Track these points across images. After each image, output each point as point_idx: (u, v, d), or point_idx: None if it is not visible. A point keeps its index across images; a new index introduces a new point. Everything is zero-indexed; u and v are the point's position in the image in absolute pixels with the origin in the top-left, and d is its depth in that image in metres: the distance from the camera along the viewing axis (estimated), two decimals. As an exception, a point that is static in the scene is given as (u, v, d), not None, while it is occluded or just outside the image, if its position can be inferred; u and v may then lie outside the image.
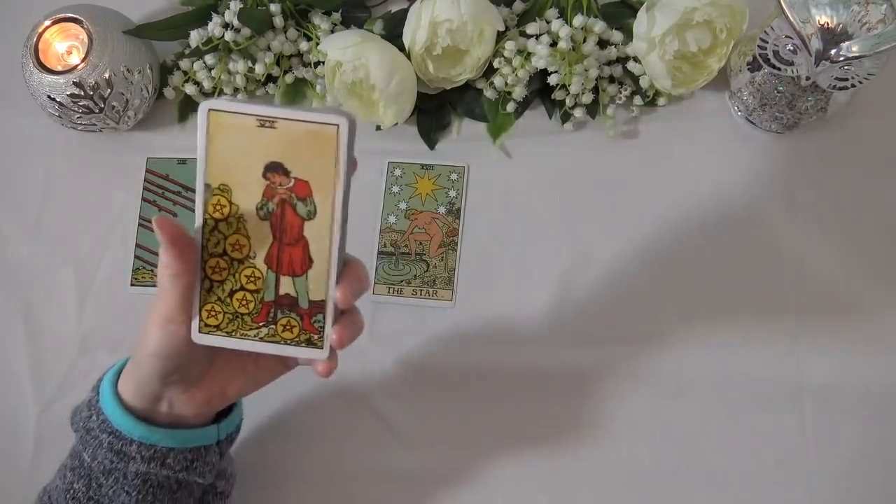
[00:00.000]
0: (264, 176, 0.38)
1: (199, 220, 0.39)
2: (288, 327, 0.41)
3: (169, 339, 0.40)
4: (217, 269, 0.40)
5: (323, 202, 0.38)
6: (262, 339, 0.41)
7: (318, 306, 0.40)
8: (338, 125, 0.37)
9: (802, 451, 0.55)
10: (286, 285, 0.40)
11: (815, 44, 0.51)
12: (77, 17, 0.61)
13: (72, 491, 0.45)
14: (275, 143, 0.37)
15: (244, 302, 0.40)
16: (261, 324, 0.41)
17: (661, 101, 0.62)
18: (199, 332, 0.41)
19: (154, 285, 0.62)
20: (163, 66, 0.67)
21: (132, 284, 0.63)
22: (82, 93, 0.60)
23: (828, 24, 0.51)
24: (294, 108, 0.37)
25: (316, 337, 0.41)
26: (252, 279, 0.40)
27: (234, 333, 0.41)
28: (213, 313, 0.40)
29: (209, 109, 0.37)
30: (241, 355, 0.44)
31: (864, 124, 0.61)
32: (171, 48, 0.67)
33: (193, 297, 0.40)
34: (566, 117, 0.63)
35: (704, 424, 0.56)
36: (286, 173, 0.38)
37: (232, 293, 0.40)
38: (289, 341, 0.41)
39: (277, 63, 0.65)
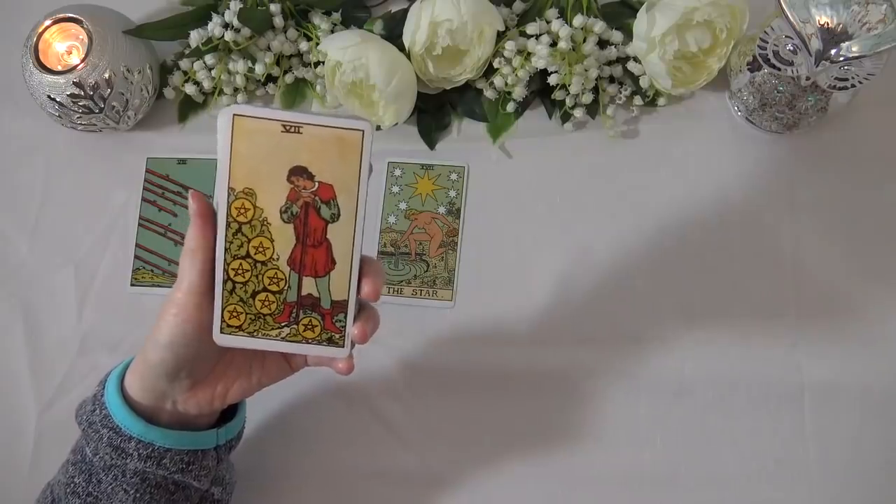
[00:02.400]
0: (289, 179, 0.39)
1: (221, 224, 0.39)
2: (310, 326, 0.41)
3: (181, 327, 0.40)
4: (240, 271, 0.40)
5: (347, 205, 0.39)
6: (283, 339, 0.42)
7: (340, 306, 0.41)
8: (363, 130, 0.38)
9: (802, 451, 0.55)
10: (309, 286, 0.41)
11: (815, 44, 0.51)
12: (77, 17, 0.61)
13: (72, 485, 0.45)
14: (300, 147, 0.38)
15: (266, 302, 0.41)
16: (283, 324, 0.41)
17: (661, 101, 0.62)
18: (221, 332, 0.41)
19: (154, 285, 0.63)
20: (163, 66, 0.67)
21: (132, 284, 0.63)
22: (82, 93, 0.60)
23: (828, 24, 0.51)
24: (316, 114, 0.38)
25: (337, 336, 0.42)
26: (275, 280, 0.41)
27: (255, 333, 0.41)
28: (234, 314, 0.41)
29: (234, 114, 0.38)
30: (247, 355, 0.45)
31: (864, 124, 0.61)
32: (171, 48, 0.67)
33: (215, 297, 0.41)
34: (566, 117, 0.63)
35: (704, 425, 0.56)
36: (311, 177, 0.39)
37: (254, 294, 0.41)
38: (310, 340, 0.42)
39: (277, 63, 0.65)
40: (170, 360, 0.41)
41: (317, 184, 0.39)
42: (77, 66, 0.60)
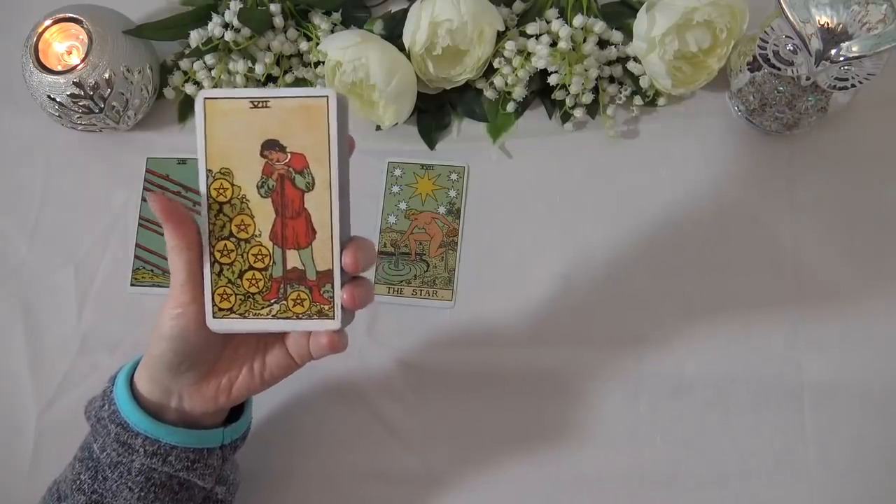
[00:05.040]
0: (262, 154, 0.40)
1: (203, 206, 0.40)
2: (298, 301, 0.41)
3: (179, 320, 0.41)
4: (225, 252, 0.41)
5: (320, 172, 0.40)
6: (274, 317, 0.42)
7: (326, 276, 0.41)
8: (327, 96, 0.39)
9: (802, 449, 0.55)
10: (293, 259, 0.41)
11: (815, 44, 0.51)
12: (77, 17, 0.61)
13: (78, 482, 0.45)
14: (269, 121, 0.39)
15: (254, 281, 0.41)
16: (272, 301, 0.42)
17: (661, 101, 0.62)
18: (213, 317, 0.41)
19: (154, 285, 0.63)
20: (163, 66, 0.67)
21: (132, 284, 0.63)
22: (82, 93, 0.60)
23: (828, 24, 0.51)
24: (284, 88, 0.39)
25: (327, 307, 0.41)
26: (259, 257, 0.41)
27: (247, 314, 0.42)
28: (225, 296, 0.41)
29: (205, 98, 0.40)
30: (250, 348, 0.45)
31: (864, 124, 0.61)
32: (171, 48, 0.67)
33: (205, 282, 0.41)
34: (566, 117, 0.63)
35: (704, 424, 0.56)
36: (282, 149, 0.40)
37: (241, 274, 0.41)
38: (300, 315, 0.42)
39: (277, 63, 0.65)
40: (170, 352, 0.42)
41: (289, 155, 0.40)
42: (77, 66, 0.60)
